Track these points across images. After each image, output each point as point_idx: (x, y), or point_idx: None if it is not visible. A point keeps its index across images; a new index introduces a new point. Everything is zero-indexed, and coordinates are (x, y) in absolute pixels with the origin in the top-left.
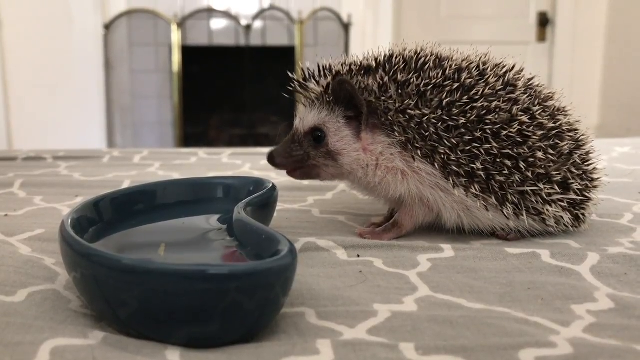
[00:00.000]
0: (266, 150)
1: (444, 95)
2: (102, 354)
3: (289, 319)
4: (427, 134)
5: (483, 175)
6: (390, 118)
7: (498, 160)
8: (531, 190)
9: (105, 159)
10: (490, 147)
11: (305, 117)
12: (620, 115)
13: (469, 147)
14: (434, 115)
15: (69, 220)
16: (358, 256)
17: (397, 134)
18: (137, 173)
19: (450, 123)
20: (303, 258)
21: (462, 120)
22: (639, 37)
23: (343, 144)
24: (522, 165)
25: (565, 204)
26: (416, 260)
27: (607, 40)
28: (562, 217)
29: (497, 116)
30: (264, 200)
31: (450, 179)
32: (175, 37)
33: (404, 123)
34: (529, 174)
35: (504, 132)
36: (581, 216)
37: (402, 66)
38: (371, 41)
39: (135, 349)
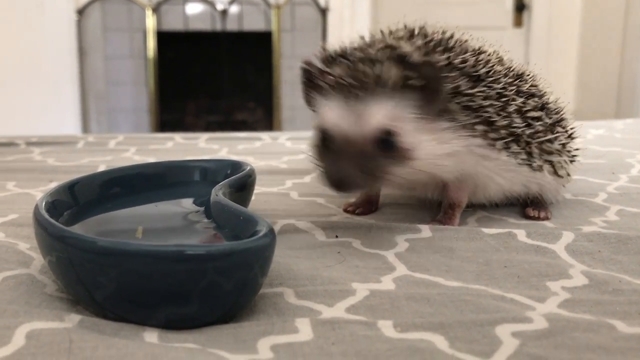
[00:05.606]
0: (244, 135)
1: (480, 68)
2: (79, 337)
3: (267, 299)
4: (479, 110)
5: (519, 132)
6: (452, 101)
7: (523, 115)
8: (547, 139)
9: (79, 144)
10: (516, 103)
11: (363, 115)
12: (595, 99)
13: (506, 109)
14: (481, 91)
15: (43, 204)
16: (336, 237)
17: (459, 116)
18: (112, 158)
19: (490, 92)
20: (282, 239)
21: (498, 88)
22: (614, 21)
23: (418, 141)
24: (544, 116)
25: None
26: (394, 240)
27: (583, 25)
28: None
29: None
30: (242, 182)
31: (496, 144)
32: (150, 22)
33: (460, 104)
34: (548, 121)
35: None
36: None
37: (430, 46)
38: (349, 26)
39: (113, 331)
